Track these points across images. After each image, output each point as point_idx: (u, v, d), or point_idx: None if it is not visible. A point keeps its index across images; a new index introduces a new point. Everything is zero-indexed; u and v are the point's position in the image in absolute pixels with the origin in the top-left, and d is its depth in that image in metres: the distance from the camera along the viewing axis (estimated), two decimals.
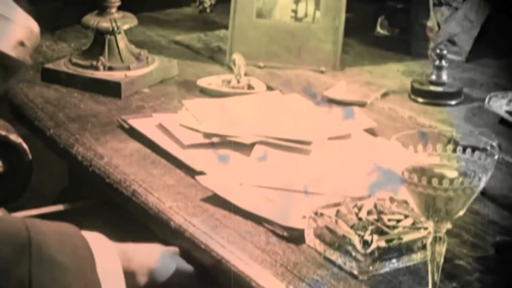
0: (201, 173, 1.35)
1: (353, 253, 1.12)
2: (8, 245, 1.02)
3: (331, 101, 1.65)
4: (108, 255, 1.12)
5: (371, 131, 1.52)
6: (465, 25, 1.88)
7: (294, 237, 1.20)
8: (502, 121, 1.55)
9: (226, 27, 1.89)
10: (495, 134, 1.23)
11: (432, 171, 1.01)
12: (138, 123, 1.51)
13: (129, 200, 1.33)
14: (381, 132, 1.52)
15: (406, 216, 1.16)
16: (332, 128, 1.48)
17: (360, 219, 1.16)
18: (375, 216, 1.16)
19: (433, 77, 1.69)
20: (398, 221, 1.15)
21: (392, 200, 1.19)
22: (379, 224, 1.14)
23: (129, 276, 1.15)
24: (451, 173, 1.01)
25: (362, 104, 1.64)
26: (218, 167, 1.37)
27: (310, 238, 1.19)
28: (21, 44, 1.12)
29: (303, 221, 1.20)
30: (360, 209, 1.18)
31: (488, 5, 1.89)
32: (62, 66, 1.74)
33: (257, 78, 1.73)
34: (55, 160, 1.59)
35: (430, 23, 1.78)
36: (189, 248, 1.23)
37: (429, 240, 1.02)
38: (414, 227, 1.14)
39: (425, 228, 1.07)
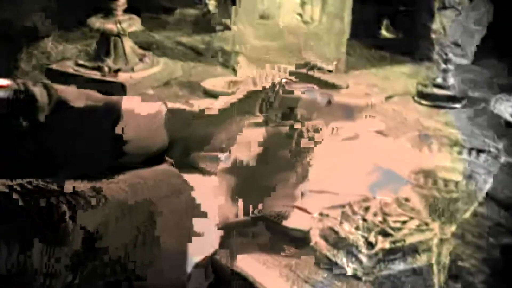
0: (205, 172, 1.35)
1: (357, 254, 1.13)
2: (116, 239, 1.05)
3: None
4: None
5: (378, 133, 1.52)
6: (469, 28, 1.88)
7: (298, 237, 1.21)
8: (509, 125, 1.55)
9: (229, 28, 1.89)
10: (498, 136, 1.23)
11: (436, 173, 1.01)
12: None
13: None
14: (384, 133, 1.52)
15: (411, 218, 1.16)
16: (339, 129, 1.48)
17: (365, 220, 1.16)
18: (380, 218, 1.16)
19: (439, 81, 1.69)
20: (404, 222, 1.16)
21: (398, 202, 1.19)
22: (384, 226, 1.14)
23: None
24: (456, 175, 1.01)
25: (366, 106, 1.64)
26: (222, 167, 1.37)
27: (315, 239, 1.19)
28: None
29: (308, 221, 1.20)
30: (366, 210, 1.18)
31: (492, 7, 1.89)
32: (65, 66, 1.74)
33: None
34: None
35: (435, 26, 1.78)
36: None
37: (434, 242, 1.02)
38: (419, 229, 1.14)
39: (431, 230, 1.08)
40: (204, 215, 1.15)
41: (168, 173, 1.15)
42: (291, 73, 1.44)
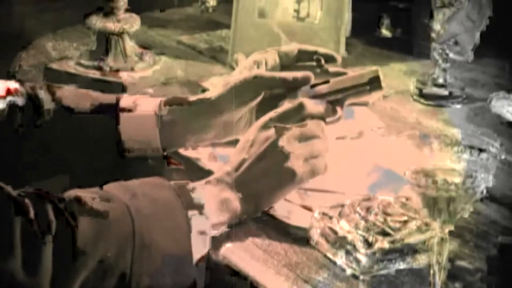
0: (209, 172, 1.35)
1: (355, 254, 1.13)
2: (114, 243, 1.06)
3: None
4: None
5: (378, 131, 1.52)
6: (467, 25, 1.88)
7: (297, 236, 1.21)
8: (508, 124, 1.55)
9: (228, 27, 1.89)
10: (496, 134, 1.23)
11: (435, 172, 1.01)
12: None
13: None
14: (383, 132, 1.53)
15: (412, 218, 1.16)
16: (339, 128, 1.48)
17: (364, 219, 1.16)
18: (380, 217, 1.16)
19: (439, 79, 1.69)
20: (404, 222, 1.16)
21: (398, 201, 1.19)
22: (383, 225, 1.15)
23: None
24: (454, 174, 1.01)
25: (364, 104, 1.64)
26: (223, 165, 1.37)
27: (313, 238, 1.19)
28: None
29: (307, 220, 1.21)
30: (365, 209, 1.18)
31: (490, 4, 1.89)
32: (65, 66, 1.74)
33: None
34: None
35: (434, 24, 1.78)
36: None
37: (433, 241, 1.02)
38: (419, 228, 1.15)
39: (430, 230, 1.08)
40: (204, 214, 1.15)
41: (159, 186, 1.15)
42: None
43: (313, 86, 1.34)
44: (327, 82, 1.33)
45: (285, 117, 1.25)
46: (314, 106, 1.28)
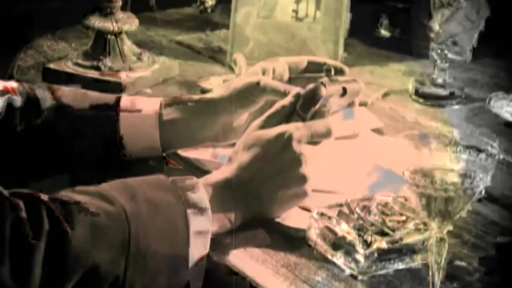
0: (207, 172, 1.35)
1: (353, 254, 1.13)
2: (108, 249, 1.04)
3: None
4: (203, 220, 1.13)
5: (377, 131, 1.52)
6: (466, 25, 1.88)
7: (296, 237, 1.21)
8: (507, 124, 1.55)
9: (227, 27, 1.89)
10: (495, 134, 1.23)
11: (433, 172, 1.01)
12: None
13: None
14: (381, 132, 1.53)
15: (410, 218, 1.16)
16: (338, 128, 1.48)
17: (362, 219, 1.16)
18: (377, 217, 1.16)
19: (438, 79, 1.69)
20: (402, 222, 1.16)
21: (395, 201, 1.19)
22: (380, 225, 1.15)
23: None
24: (452, 174, 1.01)
25: (363, 104, 1.64)
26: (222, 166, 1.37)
27: (311, 238, 1.19)
28: None
29: (305, 221, 1.20)
30: (363, 209, 1.18)
31: (489, 4, 1.90)
32: (63, 66, 1.74)
33: None
34: None
35: (433, 24, 1.78)
36: None
37: (430, 241, 1.02)
38: (417, 228, 1.15)
39: (429, 230, 1.08)
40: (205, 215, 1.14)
41: (160, 187, 1.14)
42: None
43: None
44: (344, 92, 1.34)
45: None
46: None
